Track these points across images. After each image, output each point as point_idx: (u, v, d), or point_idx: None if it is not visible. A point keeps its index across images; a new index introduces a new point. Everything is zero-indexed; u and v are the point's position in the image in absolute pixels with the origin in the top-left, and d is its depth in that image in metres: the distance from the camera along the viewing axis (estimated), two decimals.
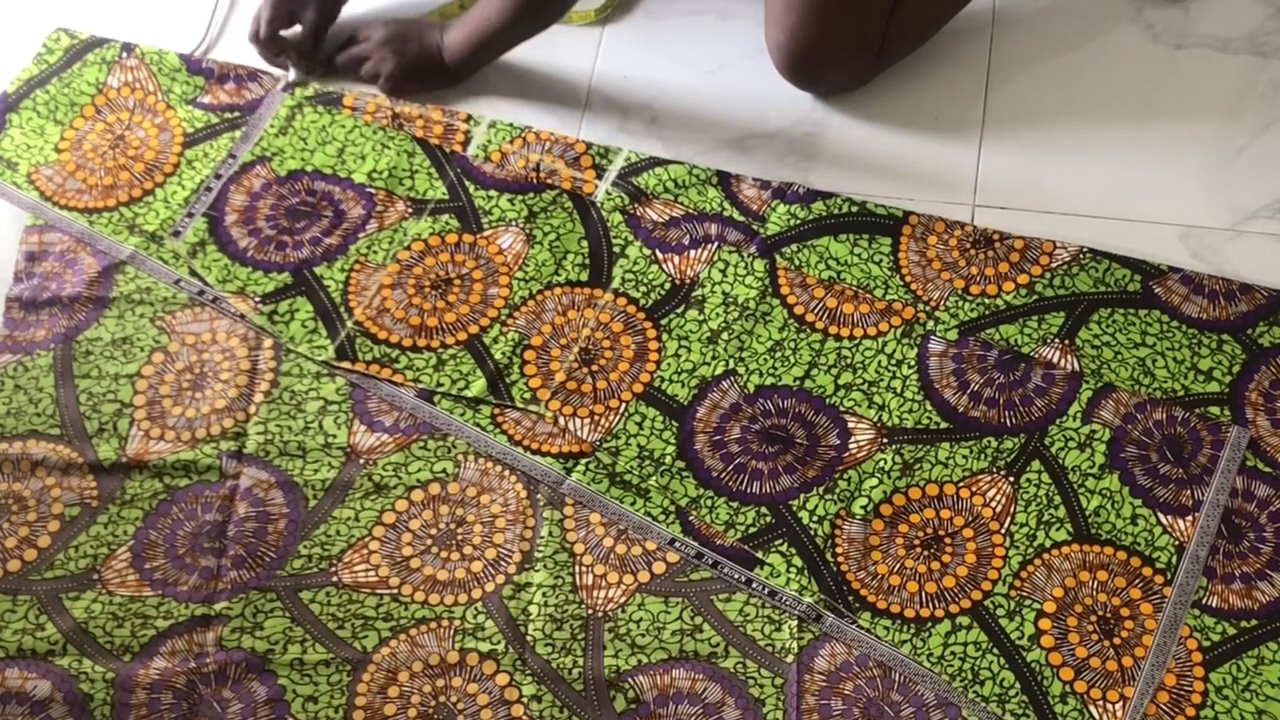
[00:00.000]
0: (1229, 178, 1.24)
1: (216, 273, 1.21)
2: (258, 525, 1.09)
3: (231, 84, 1.32)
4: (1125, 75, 1.31)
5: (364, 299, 1.20)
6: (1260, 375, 1.12)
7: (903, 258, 1.20)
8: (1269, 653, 1.01)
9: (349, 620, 1.06)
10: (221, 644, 1.05)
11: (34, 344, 1.17)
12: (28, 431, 1.13)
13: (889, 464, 1.10)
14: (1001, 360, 1.14)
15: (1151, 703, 0.99)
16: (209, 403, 1.14)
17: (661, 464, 1.11)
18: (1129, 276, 1.17)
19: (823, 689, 1.02)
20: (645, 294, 1.19)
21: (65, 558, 1.08)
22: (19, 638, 1.05)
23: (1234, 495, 1.07)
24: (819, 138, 1.28)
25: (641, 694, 1.02)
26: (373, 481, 1.11)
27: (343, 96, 1.30)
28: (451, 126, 1.28)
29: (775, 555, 1.06)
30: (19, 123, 1.29)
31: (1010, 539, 1.06)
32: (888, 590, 1.05)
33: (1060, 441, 1.10)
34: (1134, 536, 1.05)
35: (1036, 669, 1.01)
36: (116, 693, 1.02)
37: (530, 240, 1.22)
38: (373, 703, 1.02)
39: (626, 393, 1.14)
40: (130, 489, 1.11)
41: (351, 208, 1.24)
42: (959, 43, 1.32)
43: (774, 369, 1.15)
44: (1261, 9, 1.33)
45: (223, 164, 1.27)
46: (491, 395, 1.14)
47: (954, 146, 1.27)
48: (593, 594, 1.06)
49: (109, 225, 1.23)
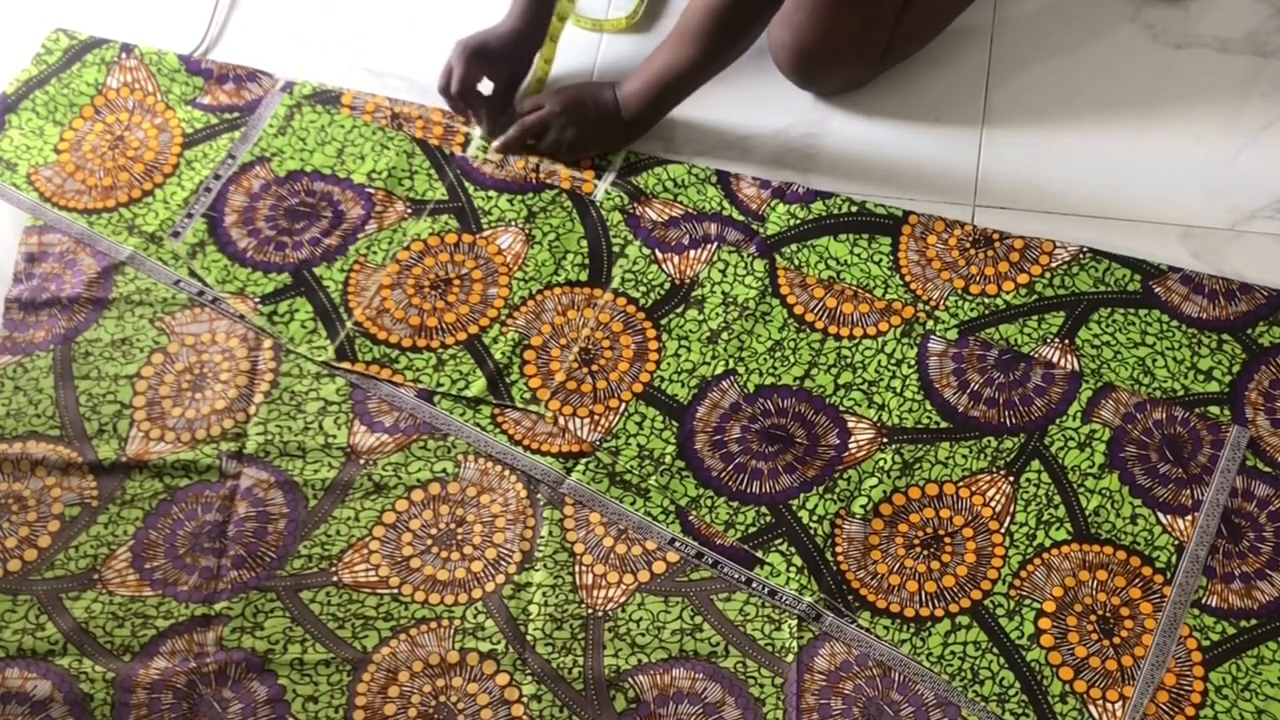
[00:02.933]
0: (1229, 178, 1.24)
1: (216, 273, 1.21)
2: (258, 525, 1.09)
3: (231, 84, 1.32)
4: (1125, 75, 1.31)
5: (363, 299, 1.20)
6: (1260, 375, 1.12)
7: (902, 257, 1.20)
8: (1269, 652, 1.01)
9: (349, 620, 1.06)
10: (222, 644, 1.05)
11: (33, 345, 1.17)
12: (27, 432, 1.13)
13: (889, 463, 1.10)
14: (1001, 360, 1.14)
15: (1151, 702, 0.99)
16: (209, 403, 1.14)
17: (661, 464, 1.11)
18: (1129, 276, 1.17)
19: (822, 688, 1.02)
20: (645, 294, 1.19)
21: (65, 558, 1.08)
22: (19, 638, 1.05)
23: (1234, 495, 1.07)
24: (819, 138, 1.28)
25: (641, 693, 1.02)
26: (373, 481, 1.11)
27: (341, 96, 1.30)
28: (451, 128, 1.28)
29: (775, 555, 1.07)
30: (18, 123, 1.28)
31: (1010, 538, 1.06)
32: (887, 590, 1.05)
33: (1060, 441, 1.10)
34: (1134, 536, 1.05)
35: (1036, 668, 1.01)
36: (116, 692, 1.02)
37: (530, 240, 1.22)
38: (373, 702, 1.02)
39: (626, 392, 1.14)
40: (130, 489, 1.11)
41: (351, 208, 1.24)
42: (959, 43, 1.32)
43: (774, 369, 1.15)
44: (1261, 9, 1.33)
45: (222, 164, 1.27)
46: (491, 395, 1.15)
47: (954, 146, 1.27)
48: (593, 594, 1.06)
49: (108, 226, 1.23)
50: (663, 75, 1.19)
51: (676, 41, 1.16)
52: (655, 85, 1.20)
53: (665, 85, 1.20)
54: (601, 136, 1.25)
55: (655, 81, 1.19)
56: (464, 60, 1.22)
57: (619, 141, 1.26)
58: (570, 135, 1.24)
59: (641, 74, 1.21)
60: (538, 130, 1.24)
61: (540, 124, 1.24)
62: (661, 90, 1.20)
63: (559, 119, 1.24)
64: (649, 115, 1.23)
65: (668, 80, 1.19)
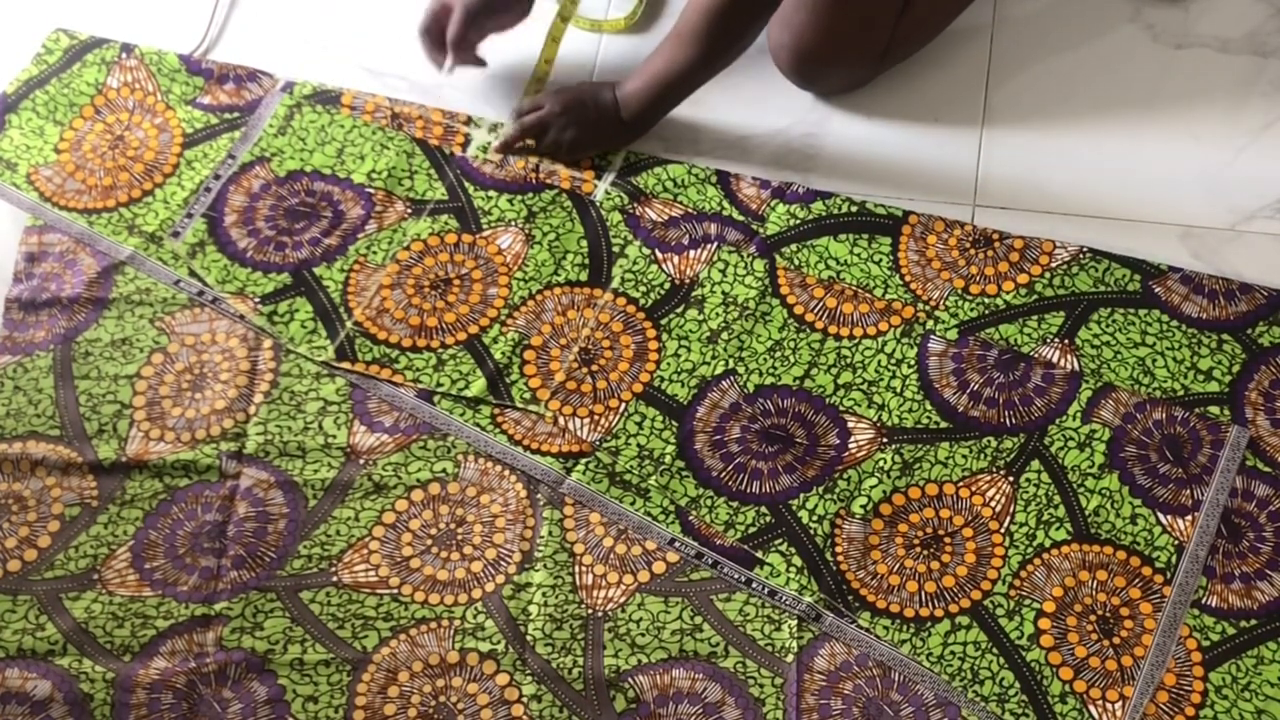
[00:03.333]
0: (1229, 178, 1.24)
1: (216, 273, 1.21)
2: (258, 525, 1.09)
3: (231, 84, 1.32)
4: (1125, 75, 1.30)
5: (363, 299, 1.20)
6: (1260, 375, 1.12)
7: (902, 257, 1.20)
8: (1268, 652, 1.01)
9: (349, 620, 1.06)
10: (221, 644, 1.05)
11: (33, 345, 1.17)
12: (27, 432, 1.13)
13: (889, 463, 1.10)
14: (1001, 360, 1.14)
15: (1151, 702, 0.99)
16: (209, 403, 1.14)
17: (661, 464, 1.11)
18: (1129, 276, 1.17)
19: (822, 688, 1.02)
20: (645, 294, 1.19)
21: (65, 558, 1.08)
22: (19, 638, 1.05)
23: (1234, 495, 1.07)
24: (819, 138, 1.28)
25: (641, 694, 1.02)
26: (373, 481, 1.11)
27: (341, 96, 1.30)
28: (451, 128, 1.28)
29: (775, 555, 1.07)
30: (18, 123, 1.28)
31: (1010, 539, 1.06)
32: (887, 590, 1.05)
33: (1060, 441, 1.10)
34: (1133, 536, 1.05)
35: (1036, 668, 1.01)
36: (116, 693, 1.02)
37: (529, 240, 1.22)
38: (373, 703, 1.02)
39: (626, 392, 1.14)
40: (130, 489, 1.11)
41: (351, 208, 1.24)
42: (959, 42, 1.32)
43: (774, 369, 1.15)
44: (1261, 9, 1.33)
45: (222, 164, 1.27)
46: (491, 395, 1.14)
47: (954, 146, 1.27)
48: (593, 594, 1.06)
49: (108, 226, 1.23)
50: (662, 75, 1.19)
51: (675, 42, 1.16)
52: (655, 85, 1.20)
53: (665, 85, 1.19)
54: (601, 137, 1.25)
55: (655, 82, 1.19)
56: (464, 15, 1.19)
57: (619, 142, 1.26)
58: (570, 136, 1.23)
59: (641, 74, 1.20)
60: (537, 130, 1.24)
61: (539, 124, 1.24)
62: (661, 90, 1.20)
63: (558, 119, 1.23)
64: (649, 115, 1.23)
65: (667, 80, 1.19)
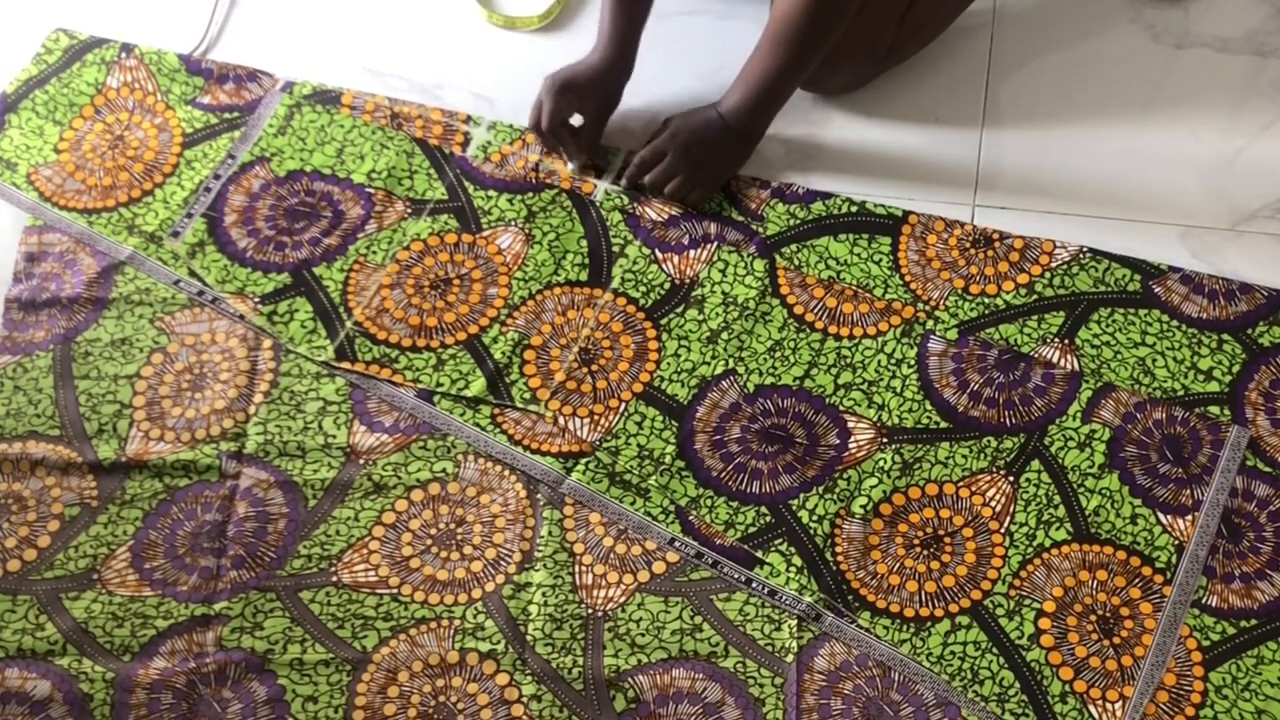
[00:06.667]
0: (1229, 178, 1.24)
1: (216, 273, 1.21)
2: (257, 525, 1.09)
3: (231, 84, 1.32)
4: (1125, 75, 1.31)
5: (363, 299, 1.20)
6: (1260, 375, 1.12)
7: (902, 257, 1.20)
8: (1268, 652, 1.01)
9: (349, 620, 1.06)
10: (221, 644, 1.05)
11: (33, 345, 1.17)
12: (27, 432, 1.13)
13: (889, 463, 1.10)
14: (1001, 360, 1.14)
15: (1151, 702, 0.99)
16: (208, 403, 1.14)
17: (661, 464, 1.11)
18: (1129, 276, 1.17)
19: (822, 688, 1.02)
20: (645, 294, 1.19)
21: (65, 558, 1.08)
22: (19, 638, 1.05)
23: (1234, 495, 1.07)
24: (819, 138, 1.28)
25: (641, 693, 1.02)
26: (372, 481, 1.11)
27: (341, 96, 1.30)
28: (451, 128, 1.28)
29: (775, 555, 1.06)
30: (18, 123, 1.28)
31: (1010, 538, 1.06)
32: (887, 589, 1.05)
33: (1060, 441, 1.10)
34: (1134, 536, 1.05)
35: (1036, 668, 1.01)
36: (116, 693, 1.02)
37: (529, 240, 1.22)
38: (373, 702, 1.02)
39: (626, 392, 1.14)
40: (130, 489, 1.11)
41: (350, 208, 1.24)
42: (959, 42, 1.32)
43: (774, 369, 1.15)
44: (1261, 9, 1.33)
45: (222, 164, 1.27)
46: (491, 395, 1.14)
47: (954, 146, 1.27)
48: (592, 594, 1.06)
49: (108, 226, 1.23)
50: (761, 82, 1.17)
51: (768, 47, 1.16)
52: (757, 93, 1.18)
53: (766, 91, 1.18)
54: (729, 159, 1.23)
55: (756, 89, 1.18)
56: (554, 94, 1.21)
57: (741, 159, 1.24)
58: (702, 177, 1.22)
59: (740, 86, 1.19)
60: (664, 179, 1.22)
61: (668, 174, 1.22)
62: (764, 97, 1.19)
63: (682, 161, 1.21)
64: (759, 124, 1.22)
65: (767, 86, 1.18)
